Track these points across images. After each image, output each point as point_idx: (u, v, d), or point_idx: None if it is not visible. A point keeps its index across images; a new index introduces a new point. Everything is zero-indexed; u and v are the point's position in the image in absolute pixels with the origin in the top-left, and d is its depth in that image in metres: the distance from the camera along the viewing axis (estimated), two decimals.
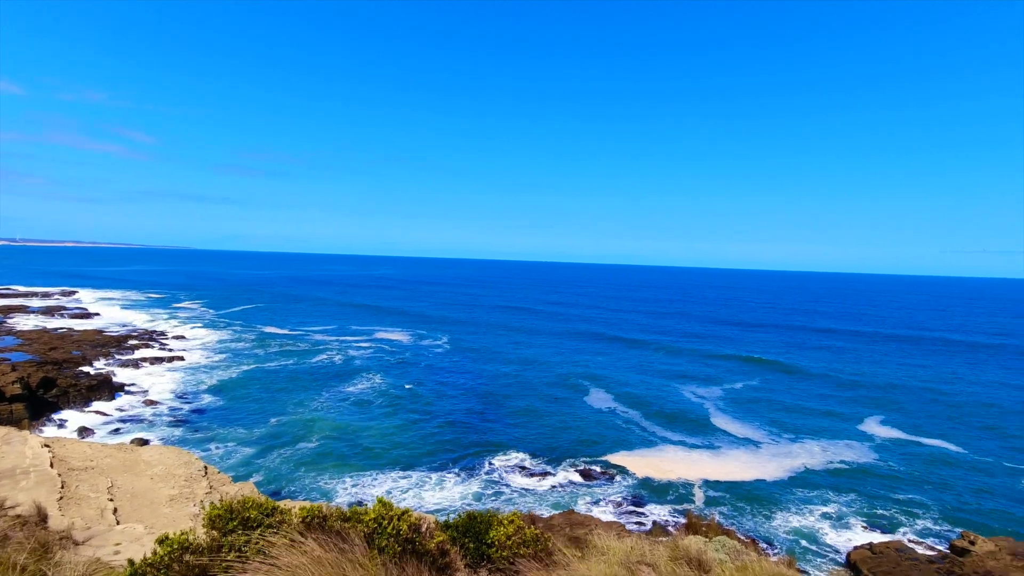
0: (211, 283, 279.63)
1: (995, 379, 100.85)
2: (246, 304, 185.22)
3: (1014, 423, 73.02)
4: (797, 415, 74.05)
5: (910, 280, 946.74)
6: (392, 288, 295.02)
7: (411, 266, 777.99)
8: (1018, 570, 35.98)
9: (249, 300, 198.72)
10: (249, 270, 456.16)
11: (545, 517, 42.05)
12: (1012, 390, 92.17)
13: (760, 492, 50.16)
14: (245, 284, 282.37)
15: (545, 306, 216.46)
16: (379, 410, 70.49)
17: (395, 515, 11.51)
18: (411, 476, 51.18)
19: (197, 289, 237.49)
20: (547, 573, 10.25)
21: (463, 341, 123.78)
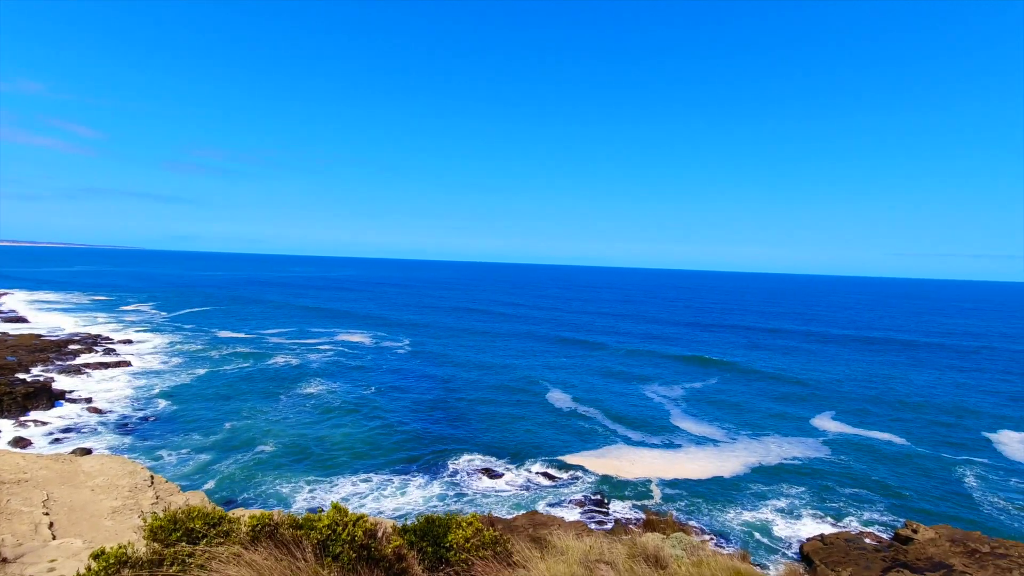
0: (161, 285, 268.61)
1: (932, 376, 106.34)
2: (199, 307, 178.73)
3: (949, 418, 77.10)
4: (753, 413, 76.24)
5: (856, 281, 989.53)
6: (352, 290, 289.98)
7: (372, 267, 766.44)
8: (956, 555, 37.96)
9: (202, 302, 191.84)
10: (202, 271, 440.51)
11: (507, 518, 41.98)
12: (948, 387, 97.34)
13: (717, 489, 51.38)
14: (197, 286, 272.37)
15: (507, 308, 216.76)
16: (339, 414, 69.04)
17: (350, 521, 11.18)
18: (372, 480, 50.29)
19: (146, 291, 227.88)
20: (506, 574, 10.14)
21: (425, 343, 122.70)
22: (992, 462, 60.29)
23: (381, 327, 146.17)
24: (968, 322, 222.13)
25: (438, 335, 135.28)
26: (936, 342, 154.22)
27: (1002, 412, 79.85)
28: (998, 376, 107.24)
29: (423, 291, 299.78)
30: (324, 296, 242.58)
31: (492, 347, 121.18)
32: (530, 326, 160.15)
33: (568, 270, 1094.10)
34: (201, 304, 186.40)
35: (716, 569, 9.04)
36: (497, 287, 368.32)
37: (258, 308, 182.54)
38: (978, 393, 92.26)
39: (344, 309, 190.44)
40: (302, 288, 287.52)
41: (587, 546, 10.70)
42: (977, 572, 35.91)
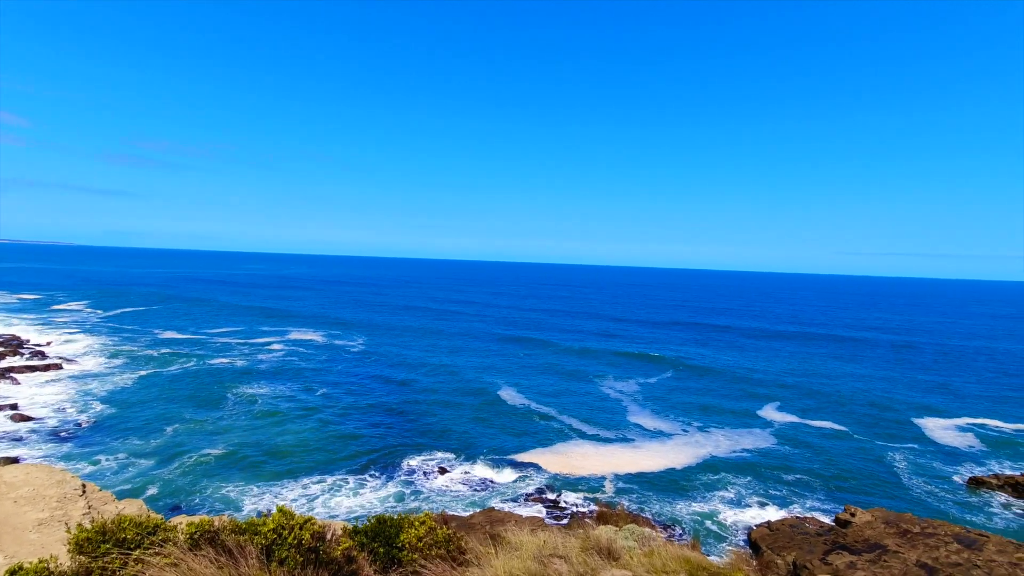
0: (97, 283, 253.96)
1: (868, 369, 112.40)
2: (139, 306, 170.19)
3: (882, 407, 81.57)
4: (704, 407, 78.50)
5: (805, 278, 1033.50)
6: (306, 288, 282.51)
7: (327, 265, 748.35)
8: (890, 536, 40.17)
9: (142, 301, 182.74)
10: (144, 268, 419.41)
11: (464, 516, 41.78)
12: (881, 378, 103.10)
13: (669, 481, 52.68)
14: (138, 284, 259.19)
15: (464, 306, 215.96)
16: (290, 414, 67.11)
17: (297, 524, 10.80)
18: (325, 482, 49.10)
19: (81, 289, 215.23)
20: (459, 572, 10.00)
21: (379, 342, 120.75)
22: (920, 447, 64.19)
23: (335, 326, 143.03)
24: (903, 318, 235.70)
25: (393, 334, 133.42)
26: (872, 337, 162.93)
27: (928, 401, 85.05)
28: (925, 368, 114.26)
29: (381, 289, 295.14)
30: (276, 294, 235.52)
31: (447, 346, 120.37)
32: (485, 325, 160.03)
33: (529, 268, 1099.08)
34: (141, 303, 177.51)
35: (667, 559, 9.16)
36: (455, 285, 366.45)
37: (205, 307, 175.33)
38: (907, 384, 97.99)
39: (297, 307, 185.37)
40: (253, 286, 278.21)
41: (541, 541, 10.67)
42: (908, 551, 38.11)
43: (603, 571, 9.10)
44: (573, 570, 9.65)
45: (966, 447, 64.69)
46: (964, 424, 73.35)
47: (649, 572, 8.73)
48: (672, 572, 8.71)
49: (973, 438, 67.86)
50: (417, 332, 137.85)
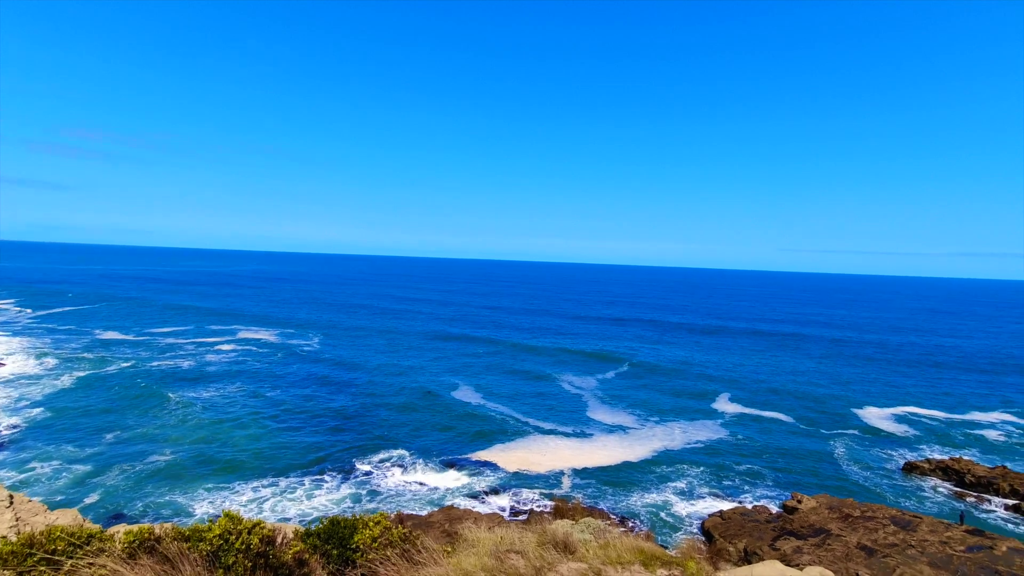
0: (26, 281, 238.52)
1: (812, 362, 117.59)
2: (76, 305, 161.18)
3: (825, 398, 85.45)
4: (660, 401, 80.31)
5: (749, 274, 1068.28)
6: (257, 286, 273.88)
7: (279, 262, 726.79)
8: (833, 520, 42.14)
9: (79, 300, 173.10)
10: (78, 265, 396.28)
11: (422, 515, 41.42)
12: (821, 373, 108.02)
13: (626, 474, 53.64)
14: (73, 281, 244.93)
15: (421, 305, 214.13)
16: (242, 416, 64.89)
17: (244, 528, 10.39)
18: (278, 484, 47.72)
19: (6, 287, 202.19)
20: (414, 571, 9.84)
21: (335, 341, 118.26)
22: (860, 435, 67.58)
23: (288, 324, 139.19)
24: (842, 313, 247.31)
25: (349, 333, 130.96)
26: (815, 333, 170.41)
27: (866, 392, 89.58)
28: (863, 361, 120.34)
29: (336, 287, 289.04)
30: (225, 292, 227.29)
31: (404, 345, 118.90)
32: (444, 324, 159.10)
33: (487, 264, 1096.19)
34: (78, 302, 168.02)
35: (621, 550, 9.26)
36: (414, 282, 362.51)
37: (148, 306, 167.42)
38: (847, 375, 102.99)
39: (247, 306, 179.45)
40: (200, 284, 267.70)
41: (498, 537, 10.62)
42: (850, 534, 40.06)
43: (559, 565, 9.12)
44: (530, 565, 9.64)
45: (901, 434, 68.47)
46: (899, 413, 77.60)
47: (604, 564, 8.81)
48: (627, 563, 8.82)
49: (907, 426, 71.88)
50: (374, 331, 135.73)
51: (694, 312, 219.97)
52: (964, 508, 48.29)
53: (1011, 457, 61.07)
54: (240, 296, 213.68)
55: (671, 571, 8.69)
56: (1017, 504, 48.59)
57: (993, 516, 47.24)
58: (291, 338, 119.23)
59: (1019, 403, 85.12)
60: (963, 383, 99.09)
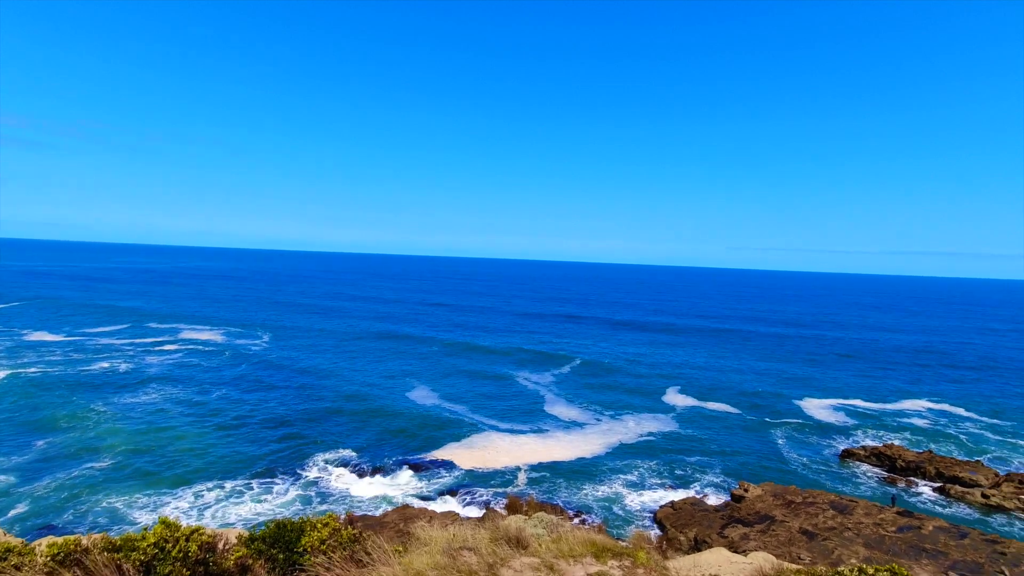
0: None
1: (756, 356, 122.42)
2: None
3: (769, 390, 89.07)
4: (615, 396, 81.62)
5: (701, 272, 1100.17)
6: (198, 283, 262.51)
7: (220, 258, 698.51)
8: (777, 507, 43.92)
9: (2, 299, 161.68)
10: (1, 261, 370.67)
11: (377, 515, 40.74)
12: (765, 367, 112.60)
13: (581, 468, 54.33)
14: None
15: (369, 304, 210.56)
16: (185, 419, 62.15)
17: (182, 536, 9.89)
18: (223, 488, 45.92)
19: None
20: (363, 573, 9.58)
21: (284, 341, 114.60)
22: (801, 424, 70.75)
23: (234, 324, 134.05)
24: (786, 309, 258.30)
25: (298, 332, 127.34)
26: (761, 330, 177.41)
27: (807, 384, 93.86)
28: (803, 355, 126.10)
29: (282, 284, 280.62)
30: (166, 290, 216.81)
31: (355, 346, 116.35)
32: (396, 324, 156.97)
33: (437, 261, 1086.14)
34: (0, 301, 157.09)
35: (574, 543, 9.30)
36: (362, 280, 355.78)
37: (79, 305, 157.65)
38: (789, 369, 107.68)
39: (189, 304, 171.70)
40: (136, 282, 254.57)
41: (451, 535, 10.48)
42: (793, 520, 41.87)
43: (512, 560, 9.07)
44: (483, 561, 9.55)
45: (839, 423, 72.07)
46: (837, 404, 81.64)
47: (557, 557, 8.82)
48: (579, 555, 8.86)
49: (844, 415, 75.73)
50: (325, 331, 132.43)
51: (646, 309, 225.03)
52: (895, 491, 51.28)
53: (936, 442, 65.27)
54: (182, 294, 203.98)
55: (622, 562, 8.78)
56: (942, 486, 51.96)
57: (921, 498, 50.36)
58: (237, 338, 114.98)
59: (942, 392, 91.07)
60: (893, 374, 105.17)
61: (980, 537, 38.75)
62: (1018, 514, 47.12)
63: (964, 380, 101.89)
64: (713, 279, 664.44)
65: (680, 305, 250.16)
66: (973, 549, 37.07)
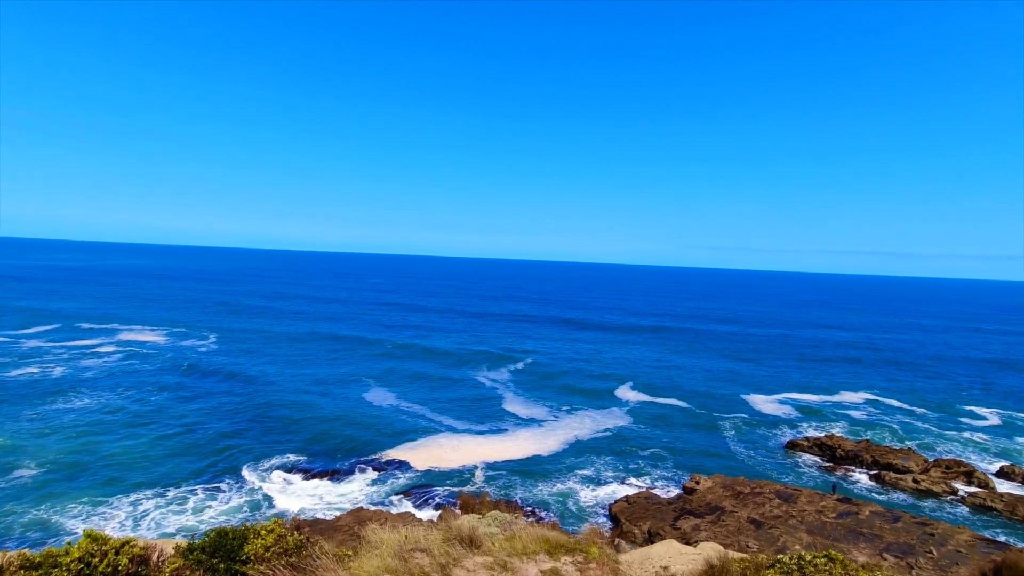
0: None
1: (705, 352, 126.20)
2: None
3: (717, 385, 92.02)
4: (570, 394, 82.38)
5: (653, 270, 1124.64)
6: (138, 282, 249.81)
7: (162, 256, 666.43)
8: (727, 498, 45.31)
9: None
10: None
11: (329, 519, 39.73)
12: (713, 363, 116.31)
13: (537, 465, 54.59)
14: None
15: (319, 304, 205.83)
16: (123, 424, 59.00)
17: (111, 548, 9.27)
18: (164, 496, 43.82)
19: None
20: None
21: (230, 342, 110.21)
22: (749, 418, 73.32)
23: (176, 324, 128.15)
24: (733, 307, 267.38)
25: (245, 333, 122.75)
26: (711, 328, 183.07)
27: (753, 379, 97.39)
28: (750, 351, 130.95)
29: (229, 283, 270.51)
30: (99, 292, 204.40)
31: (305, 348, 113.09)
32: (347, 326, 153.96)
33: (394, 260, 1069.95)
34: None
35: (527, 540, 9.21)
36: (312, 278, 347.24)
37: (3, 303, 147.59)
38: (736, 365, 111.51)
39: (129, 304, 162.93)
40: (68, 281, 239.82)
41: (402, 537, 10.22)
42: (741, 510, 43.29)
43: (465, 560, 8.91)
44: (435, 562, 9.34)
45: (784, 416, 75.07)
46: (782, 398, 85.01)
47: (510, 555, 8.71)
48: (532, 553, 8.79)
49: (789, 408, 78.95)
50: (275, 332, 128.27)
51: (601, 308, 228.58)
52: (835, 480, 53.81)
53: (873, 431, 68.89)
54: (119, 294, 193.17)
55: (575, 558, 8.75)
56: (877, 473, 54.85)
57: (858, 485, 53.00)
58: (180, 339, 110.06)
59: (878, 385, 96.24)
60: (834, 368, 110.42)
61: (911, 520, 41.09)
62: (945, 497, 50.25)
63: (897, 374, 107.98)
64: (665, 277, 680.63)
65: (634, 303, 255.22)
66: (905, 531, 39.27)
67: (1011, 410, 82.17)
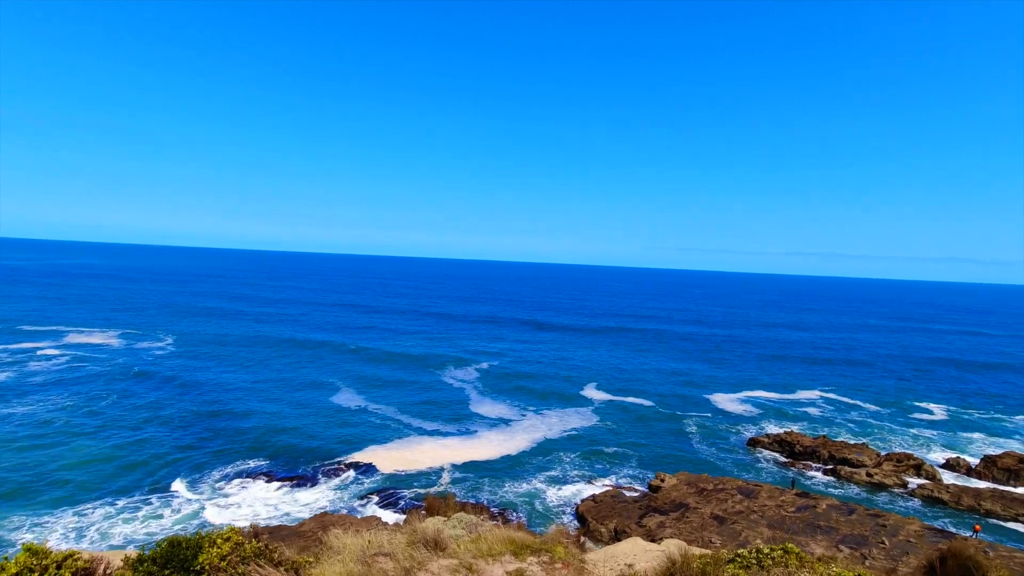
0: None
1: (668, 352, 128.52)
2: None
3: (681, 384, 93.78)
4: (537, 395, 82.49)
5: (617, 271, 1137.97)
6: (87, 281, 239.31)
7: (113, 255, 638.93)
8: (691, 495, 46.12)
9: None
10: None
11: (293, 525, 38.79)
12: (677, 362, 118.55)
13: (505, 465, 54.51)
14: None
15: (287, 306, 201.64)
16: (72, 430, 56.35)
17: (52, 562, 8.77)
18: (114, 505, 42.00)
19: None
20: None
21: (187, 344, 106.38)
22: (712, 416, 74.94)
23: (129, 326, 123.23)
24: (695, 307, 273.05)
25: (203, 336, 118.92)
26: (676, 329, 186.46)
27: (715, 378, 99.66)
28: (712, 350, 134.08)
29: (185, 283, 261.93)
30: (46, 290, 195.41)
31: (266, 350, 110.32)
32: (307, 329, 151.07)
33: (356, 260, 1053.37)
34: None
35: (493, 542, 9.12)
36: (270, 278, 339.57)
37: None
38: (699, 364, 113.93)
39: (79, 305, 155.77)
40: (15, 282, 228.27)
41: (365, 541, 9.98)
42: (705, 506, 44.12)
43: (430, 563, 8.75)
44: (399, 566, 9.15)
45: (746, 414, 76.97)
46: (744, 396, 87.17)
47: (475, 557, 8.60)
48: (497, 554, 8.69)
49: (750, 406, 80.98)
50: (233, 334, 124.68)
51: (568, 309, 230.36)
52: (794, 475, 55.40)
53: (829, 427, 71.26)
54: (68, 295, 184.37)
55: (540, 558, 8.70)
56: (834, 468, 56.74)
57: (816, 480, 54.72)
58: (134, 341, 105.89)
59: (834, 382, 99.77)
60: (792, 367, 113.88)
61: (865, 512, 42.64)
62: (896, 490, 52.34)
63: (853, 372, 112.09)
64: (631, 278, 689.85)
65: (599, 304, 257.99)
66: (859, 523, 40.71)
67: (956, 405, 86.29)
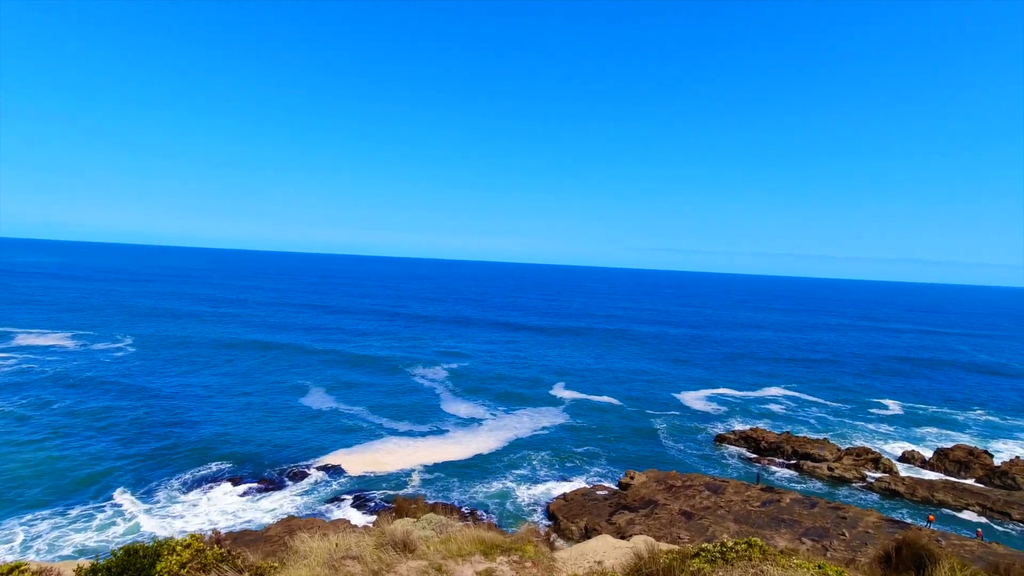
0: None
1: (637, 351, 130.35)
2: None
3: (649, 383, 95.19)
4: (508, 395, 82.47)
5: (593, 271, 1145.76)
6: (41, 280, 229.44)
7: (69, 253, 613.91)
8: (660, 492, 46.80)
9: None
10: None
11: (259, 530, 37.92)
12: (645, 361, 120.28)
13: (476, 466, 54.36)
14: None
15: (245, 307, 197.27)
16: (22, 437, 53.97)
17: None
18: (68, 514, 40.36)
19: None
20: None
21: (145, 347, 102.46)
22: (679, 414, 76.21)
23: (84, 327, 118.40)
24: (669, 307, 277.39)
25: (162, 338, 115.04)
26: (644, 330, 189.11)
27: (683, 377, 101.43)
28: (679, 349, 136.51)
29: (143, 283, 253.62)
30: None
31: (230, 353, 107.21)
32: (269, 331, 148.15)
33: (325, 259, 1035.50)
34: None
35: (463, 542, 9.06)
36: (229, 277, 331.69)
37: None
38: (666, 363, 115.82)
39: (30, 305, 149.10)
40: None
41: (332, 545, 9.80)
42: (673, 503, 44.83)
43: (398, 565, 8.64)
44: (367, 569, 9.01)
45: (712, 411, 78.50)
46: (710, 394, 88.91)
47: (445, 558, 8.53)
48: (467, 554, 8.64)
49: (717, 404, 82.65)
50: (194, 336, 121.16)
51: (538, 310, 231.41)
52: (758, 470, 56.77)
53: (792, 423, 73.25)
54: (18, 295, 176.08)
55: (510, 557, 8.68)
56: (797, 463, 58.35)
57: (779, 475, 56.16)
58: (89, 343, 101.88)
59: (797, 380, 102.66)
60: (756, 366, 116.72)
61: (826, 505, 43.96)
62: (855, 483, 54.12)
63: (815, 370, 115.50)
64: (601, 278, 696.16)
65: (569, 305, 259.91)
66: (821, 516, 41.95)
67: (911, 401, 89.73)
